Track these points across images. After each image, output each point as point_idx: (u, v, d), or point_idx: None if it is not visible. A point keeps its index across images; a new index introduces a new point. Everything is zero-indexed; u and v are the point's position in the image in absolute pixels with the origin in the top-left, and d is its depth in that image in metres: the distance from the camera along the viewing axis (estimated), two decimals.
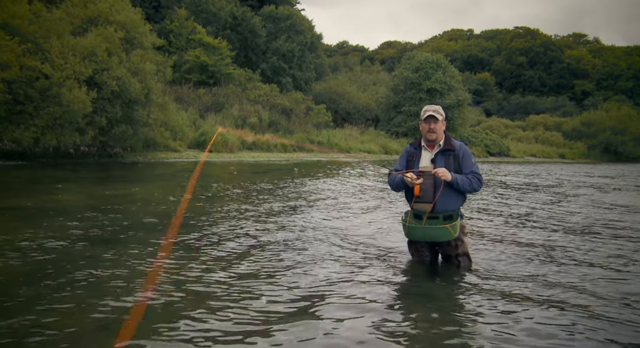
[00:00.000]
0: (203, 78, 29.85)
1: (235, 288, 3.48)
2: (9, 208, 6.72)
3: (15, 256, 4.19)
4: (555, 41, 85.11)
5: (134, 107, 16.63)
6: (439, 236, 3.96)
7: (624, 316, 3.15)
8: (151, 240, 5.03)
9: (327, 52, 61.34)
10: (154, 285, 3.53)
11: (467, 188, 3.96)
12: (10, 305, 3.02)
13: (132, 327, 2.72)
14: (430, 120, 4.03)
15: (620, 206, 9.28)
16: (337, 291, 3.49)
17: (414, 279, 4.01)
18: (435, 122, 4.02)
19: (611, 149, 51.39)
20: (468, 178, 3.95)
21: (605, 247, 5.35)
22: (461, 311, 3.21)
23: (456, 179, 3.89)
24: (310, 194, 9.57)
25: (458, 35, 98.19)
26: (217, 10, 34.47)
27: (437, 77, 37.74)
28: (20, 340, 2.54)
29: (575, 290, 3.67)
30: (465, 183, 3.93)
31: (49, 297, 3.18)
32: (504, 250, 5.03)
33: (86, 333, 2.66)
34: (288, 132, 28.39)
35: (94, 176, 12.51)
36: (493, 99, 72.75)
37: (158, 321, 2.83)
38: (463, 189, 3.95)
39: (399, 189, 4.15)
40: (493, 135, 43.81)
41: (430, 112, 4.04)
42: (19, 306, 3.02)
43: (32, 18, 15.11)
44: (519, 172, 21.03)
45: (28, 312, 2.91)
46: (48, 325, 2.74)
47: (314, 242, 5.17)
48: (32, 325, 2.74)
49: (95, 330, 2.70)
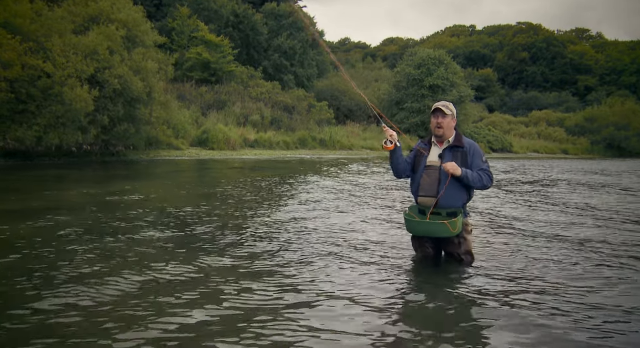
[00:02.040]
0: (205, 76, 29.85)
1: (232, 286, 3.48)
2: (11, 208, 6.73)
3: (17, 255, 4.20)
4: (558, 36, 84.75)
5: (136, 105, 16.65)
6: (437, 232, 3.93)
7: (622, 314, 3.14)
8: (154, 237, 5.03)
9: (329, 48, 61.21)
10: (157, 284, 3.53)
11: (477, 184, 3.91)
12: (13, 305, 3.03)
13: (130, 324, 2.73)
14: (438, 113, 3.99)
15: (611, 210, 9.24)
16: (336, 289, 3.49)
17: (414, 276, 4.00)
18: (444, 116, 3.97)
19: (614, 144, 51.21)
20: (478, 174, 3.90)
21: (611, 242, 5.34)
22: (460, 311, 3.20)
23: (466, 174, 3.85)
24: (311, 192, 9.56)
25: (460, 31, 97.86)
26: (218, 7, 34.44)
27: (439, 73, 37.63)
28: (22, 341, 2.55)
29: (581, 290, 3.66)
30: (475, 178, 3.88)
31: (51, 296, 3.18)
32: (507, 248, 5.01)
33: (88, 333, 2.66)
34: (290, 129, 28.37)
35: (97, 174, 12.54)
36: (495, 94, 72.57)
37: (162, 318, 2.83)
38: (473, 185, 3.90)
39: (396, 169, 4.14)
40: (495, 131, 43.69)
41: (438, 106, 4.00)
42: (20, 306, 3.02)
43: (34, 17, 15.13)
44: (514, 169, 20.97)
45: (30, 312, 2.91)
46: (50, 325, 2.74)
47: (314, 239, 5.16)
48: (34, 324, 2.74)
49: (100, 328, 2.71)
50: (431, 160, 4.02)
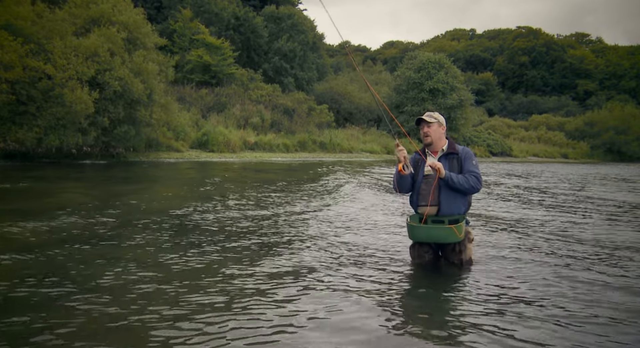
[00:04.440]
0: (205, 78, 29.89)
1: (230, 287, 3.49)
2: (11, 208, 6.73)
3: (18, 256, 4.20)
4: (558, 41, 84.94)
5: (136, 107, 16.67)
6: (444, 237, 3.92)
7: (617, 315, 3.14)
8: (157, 239, 5.03)
9: (329, 52, 61.29)
10: (161, 283, 3.53)
11: (465, 186, 3.90)
12: (15, 306, 3.03)
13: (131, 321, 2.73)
14: (423, 123, 4.06)
15: None
16: (332, 293, 3.49)
17: (412, 282, 4.00)
18: (429, 126, 4.03)
19: (614, 148, 51.25)
20: (465, 176, 3.91)
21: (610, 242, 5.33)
22: (459, 313, 3.20)
23: (450, 176, 3.87)
24: (311, 194, 9.57)
25: (460, 34, 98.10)
26: (219, 10, 34.51)
27: (439, 77, 37.70)
28: (26, 340, 2.55)
29: (580, 295, 3.66)
30: (461, 180, 3.89)
31: (53, 297, 3.18)
32: (507, 253, 5.01)
33: (92, 333, 2.67)
34: (290, 132, 28.39)
35: (97, 176, 12.54)
36: (495, 98, 72.68)
37: (168, 311, 2.83)
38: (460, 187, 3.90)
39: (401, 186, 4.10)
40: (495, 135, 43.73)
41: (421, 116, 4.10)
42: (22, 306, 3.02)
43: (35, 19, 15.17)
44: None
45: (33, 312, 2.91)
46: (53, 326, 2.74)
47: (312, 243, 5.16)
48: (38, 325, 2.74)
49: (102, 329, 2.71)
50: (428, 170, 4.03)
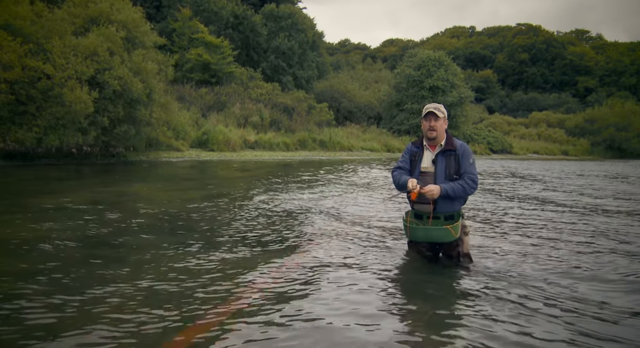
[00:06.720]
0: (205, 77, 29.86)
1: (229, 282, 3.48)
2: (11, 208, 6.72)
3: (20, 256, 4.20)
4: (558, 38, 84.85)
5: (136, 107, 16.63)
6: (441, 237, 3.94)
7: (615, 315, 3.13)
8: (157, 238, 5.03)
9: (329, 50, 61.32)
10: (168, 284, 3.53)
11: (461, 195, 3.92)
12: (17, 306, 3.02)
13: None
14: (431, 116, 3.98)
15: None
16: (331, 289, 3.48)
17: (412, 277, 3.99)
18: (436, 119, 3.97)
19: (615, 145, 51.19)
20: (460, 184, 3.87)
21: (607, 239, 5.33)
22: (457, 310, 3.19)
23: (446, 191, 3.84)
24: (313, 191, 9.56)
25: (460, 32, 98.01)
26: (218, 9, 34.46)
27: (439, 74, 37.67)
28: (27, 341, 2.54)
29: (575, 293, 3.65)
30: (457, 190, 3.86)
31: (55, 297, 3.17)
32: (503, 248, 5.01)
33: (88, 332, 2.66)
34: (290, 130, 28.37)
35: (97, 176, 12.53)
36: (495, 96, 72.66)
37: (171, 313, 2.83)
38: (458, 197, 3.92)
39: (402, 189, 4.10)
40: (496, 133, 43.70)
41: (430, 109, 3.99)
42: (24, 306, 3.01)
43: (34, 18, 15.13)
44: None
45: (34, 312, 2.91)
46: (54, 326, 2.74)
47: (313, 241, 5.16)
48: (39, 326, 2.74)
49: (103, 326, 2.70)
50: (425, 166, 4.01)
